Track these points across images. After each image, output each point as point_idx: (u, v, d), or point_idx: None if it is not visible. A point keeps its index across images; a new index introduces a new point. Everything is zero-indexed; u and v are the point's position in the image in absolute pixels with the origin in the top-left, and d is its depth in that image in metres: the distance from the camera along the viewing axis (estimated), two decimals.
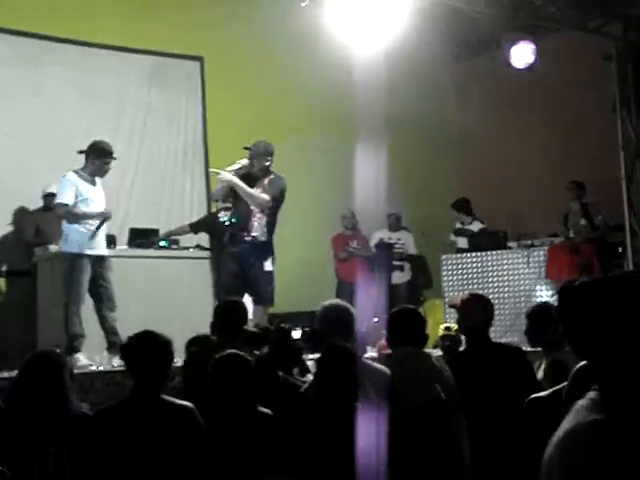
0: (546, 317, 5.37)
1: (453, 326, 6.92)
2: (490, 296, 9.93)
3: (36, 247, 8.84)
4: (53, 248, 8.43)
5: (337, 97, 11.24)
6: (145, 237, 9.02)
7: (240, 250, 7.87)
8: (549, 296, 9.69)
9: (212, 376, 4.22)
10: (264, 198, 7.88)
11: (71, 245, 7.74)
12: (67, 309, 7.65)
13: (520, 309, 9.65)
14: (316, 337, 5.09)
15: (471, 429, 4.34)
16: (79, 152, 7.88)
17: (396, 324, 4.85)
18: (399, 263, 11.41)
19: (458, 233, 11.03)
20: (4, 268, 9.33)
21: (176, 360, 6.44)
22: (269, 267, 7.88)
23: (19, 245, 9.29)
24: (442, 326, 7.61)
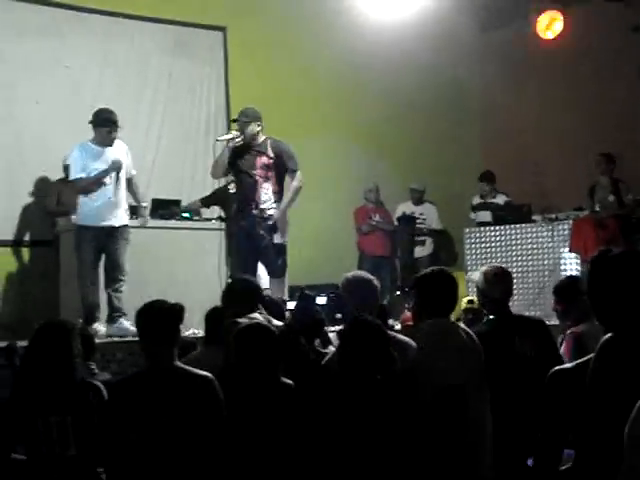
0: (575, 291, 5.33)
1: (476, 299, 6.86)
2: (513, 270, 10.00)
3: (58, 217, 8.86)
4: (74, 219, 8.43)
5: (360, 67, 11.18)
6: (167, 208, 9.01)
7: (248, 223, 7.74)
8: (573, 270, 9.61)
9: (235, 347, 4.19)
10: (300, 182, 7.80)
11: (78, 218, 7.88)
12: (79, 281, 7.79)
13: (544, 283, 9.60)
14: (342, 306, 5.04)
15: (493, 403, 4.29)
16: (89, 122, 7.92)
17: (425, 290, 4.50)
18: (421, 238, 11.36)
19: (479, 208, 10.92)
20: (27, 238, 9.36)
21: (197, 331, 6.54)
22: (278, 239, 7.78)
23: (42, 215, 9.31)
24: (465, 299, 7.57)
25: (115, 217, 7.85)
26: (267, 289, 7.50)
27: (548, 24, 10.19)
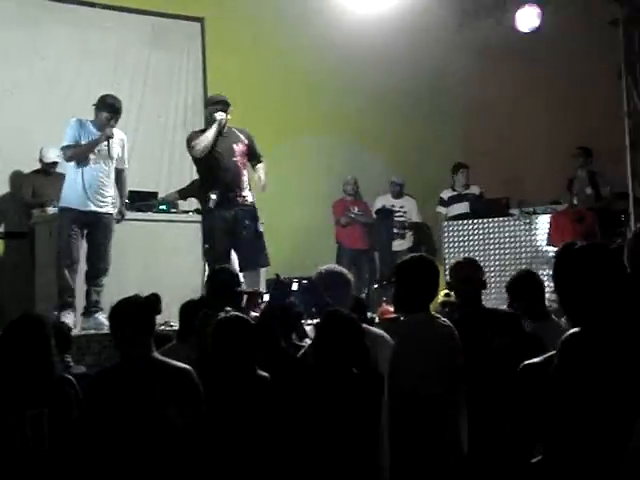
0: (530, 286, 5.29)
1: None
2: (491, 263, 10.07)
3: (33, 209, 8.78)
4: (50, 210, 8.36)
5: (339, 61, 11.14)
6: (144, 200, 8.96)
7: (234, 214, 7.60)
8: (551, 263, 9.62)
9: (212, 338, 4.17)
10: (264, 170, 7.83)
11: (63, 200, 7.70)
12: (58, 263, 7.60)
13: None
14: (317, 300, 5.01)
15: (468, 398, 4.27)
16: (94, 105, 7.78)
17: (406, 277, 4.33)
18: (400, 231, 11.35)
19: (454, 200, 10.91)
20: (2, 230, 9.29)
21: (174, 324, 6.50)
22: (261, 227, 7.75)
23: (17, 207, 9.24)
24: (442, 292, 7.55)
25: (101, 203, 7.69)
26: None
27: (527, 18, 10.18)
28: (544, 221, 9.88)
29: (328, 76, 11.36)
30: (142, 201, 8.88)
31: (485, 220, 10.28)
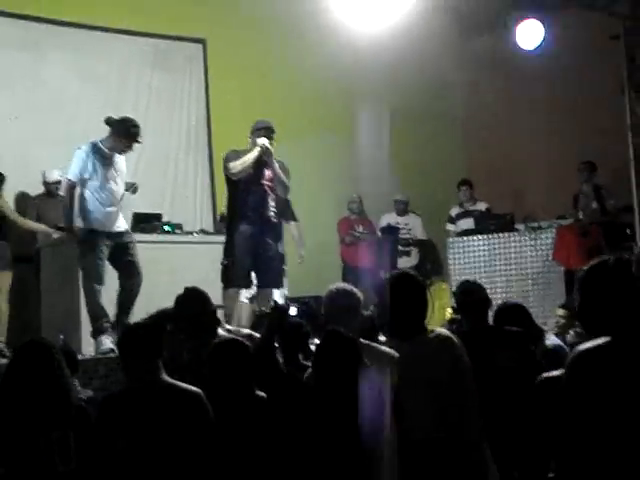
0: (518, 315, 5.26)
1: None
2: (496, 279, 10.04)
3: (38, 234, 8.75)
4: (55, 235, 8.33)
5: (341, 79, 11.15)
6: (148, 221, 8.94)
7: (257, 231, 7.73)
8: (556, 279, 9.61)
9: (209, 362, 4.19)
10: (288, 185, 7.91)
11: (86, 223, 7.59)
12: (89, 287, 7.47)
13: (527, 292, 9.60)
14: (317, 319, 4.98)
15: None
16: (106, 121, 7.66)
17: (388, 297, 4.00)
18: (406, 248, 11.33)
19: (461, 216, 10.91)
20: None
21: None
22: (282, 249, 7.87)
23: (21, 231, 9.20)
24: (449, 309, 7.53)
25: (121, 222, 7.74)
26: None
27: (528, 34, 10.18)
28: (549, 236, 9.84)
29: (331, 96, 11.37)
30: (146, 222, 8.86)
31: (490, 236, 10.25)
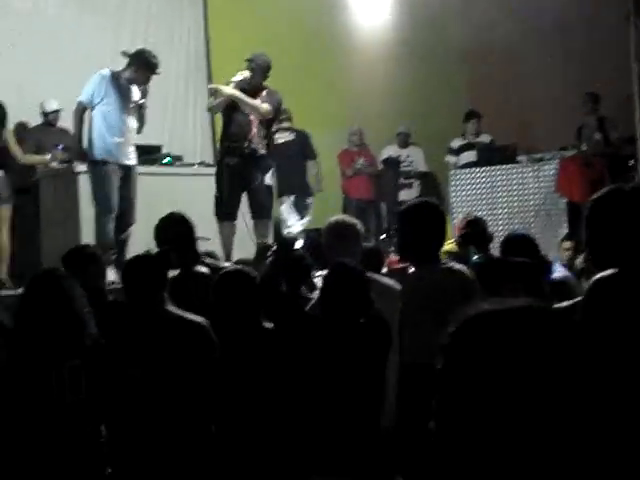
0: (523, 246, 5.23)
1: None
2: (499, 212, 9.99)
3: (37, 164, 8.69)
4: (56, 165, 8.27)
5: (342, 13, 10.99)
6: (149, 153, 8.87)
7: (240, 161, 7.69)
8: (560, 210, 9.57)
9: (215, 292, 4.18)
10: (266, 108, 7.77)
11: (96, 152, 7.53)
12: (97, 219, 7.47)
13: (530, 224, 9.57)
14: (320, 251, 4.97)
15: None
16: (123, 54, 7.62)
17: (408, 223, 4.19)
18: (407, 181, 11.28)
19: (464, 148, 10.80)
20: None
21: None
22: (269, 181, 7.83)
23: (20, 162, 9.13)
24: (448, 243, 7.48)
25: (131, 155, 7.69)
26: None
27: None
28: (552, 168, 9.78)
29: (335, 28, 11.21)
30: (146, 154, 8.79)
31: (492, 168, 10.18)
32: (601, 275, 2.48)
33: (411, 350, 4.04)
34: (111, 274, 7.28)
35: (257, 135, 7.73)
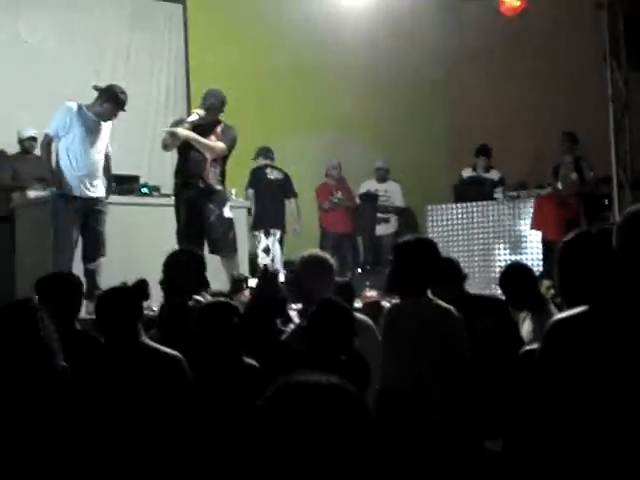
0: (524, 278, 5.25)
1: None
2: (475, 248, 10.04)
3: (13, 192, 8.67)
4: (31, 194, 8.25)
5: (322, 43, 11.05)
6: (126, 183, 8.86)
7: (196, 196, 7.68)
8: (534, 248, 9.63)
9: (197, 324, 4.10)
10: (221, 147, 7.77)
11: (57, 186, 7.54)
12: (56, 255, 7.45)
13: (505, 261, 9.61)
14: (300, 286, 4.98)
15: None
16: (94, 88, 7.63)
17: (403, 259, 4.18)
18: (385, 215, 11.31)
19: (471, 181, 10.73)
20: None
21: (157, 309, 6.42)
22: (228, 213, 7.79)
23: None
24: None
25: (96, 188, 7.65)
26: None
27: (512, 1, 10.13)
28: (528, 205, 9.85)
29: (311, 60, 11.27)
30: (124, 184, 8.79)
31: (469, 204, 10.24)
32: (560, 316, 2.49)
33: (391, 377, 4.06)
34: None
35: (212, 172, 7.73)
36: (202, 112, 7.77)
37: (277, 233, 10.01)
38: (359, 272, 10.29)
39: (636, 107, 9.74)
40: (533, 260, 9.53)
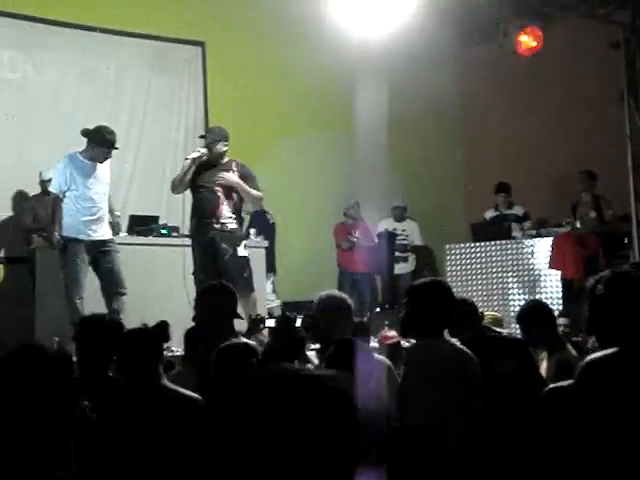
0: (543, 316, 5.24)
1: None
2: (493, 287, 10.00)
3: (34, 233, 8.73)
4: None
5: (339, 82, 11.11)
6: (145, 224, 8.91)
7: (211, 236, 7.67)
8: (553, 287, 9.58)
9: (216, 365, 4.11)
10: (261, 196, 7.84)
11: (65, 229, 7.64)
12: (69, 296, 7.53)
13: (524, 300, 9.56)
14: (317, 327, 4.97)
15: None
16: (82, 133, 7.73)
17: (417, 301, 4.20)
18: (403, 254, 11.31)
19: (496, 221, 10.70)
20: (2, 254, 9.22)
21: (176, 349, 6.42)
22: (243, 252, 7.75)
23: (17, 231, 9.18)
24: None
25: (103, 230, 7.74)
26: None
27: (528, 41, 10.16)
28: (546, 244, 9.81)
29: (330, 100, 11.33)
30: (143, 225, 8.83)
31: (487, 243, 10.22)
32: (594, 356, 2.49)
33: (413, 414, 4.06)
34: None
35: (225, 210, 7.71)
36: (204, 150, 7.79)
37: (271, 277, 10.08)
38: (377, 311, 10.26)
39: None
40: (552, 299, 9.47)
